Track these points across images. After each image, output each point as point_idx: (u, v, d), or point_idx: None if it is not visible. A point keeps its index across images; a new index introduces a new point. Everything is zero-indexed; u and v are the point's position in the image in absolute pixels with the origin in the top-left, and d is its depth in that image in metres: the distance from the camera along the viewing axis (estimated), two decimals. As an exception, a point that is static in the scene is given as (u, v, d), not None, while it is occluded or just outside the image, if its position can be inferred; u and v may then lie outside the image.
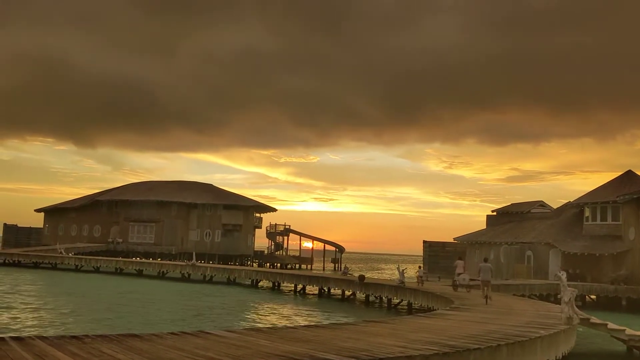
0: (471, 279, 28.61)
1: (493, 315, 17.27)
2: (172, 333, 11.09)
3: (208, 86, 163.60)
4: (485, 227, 59.64)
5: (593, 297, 39.87)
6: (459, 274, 28.89)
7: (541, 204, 56.63)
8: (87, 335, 10.22)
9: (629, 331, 18.88)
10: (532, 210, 55.60)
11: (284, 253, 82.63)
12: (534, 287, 36.74)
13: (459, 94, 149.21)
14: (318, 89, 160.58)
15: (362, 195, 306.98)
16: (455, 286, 28.50)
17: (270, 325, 21.51)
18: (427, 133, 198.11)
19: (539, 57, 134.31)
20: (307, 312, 29.08)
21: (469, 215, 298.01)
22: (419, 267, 34.64)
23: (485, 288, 22.45)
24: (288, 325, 20.20)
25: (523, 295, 31.73)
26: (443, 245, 63.79)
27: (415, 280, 32.76)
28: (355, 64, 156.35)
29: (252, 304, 32.43)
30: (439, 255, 62.51)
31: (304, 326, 14.42)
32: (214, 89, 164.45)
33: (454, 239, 61.05)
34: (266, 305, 31.91)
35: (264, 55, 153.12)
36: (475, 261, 56.16)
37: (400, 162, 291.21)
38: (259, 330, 12.57)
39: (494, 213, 59.95)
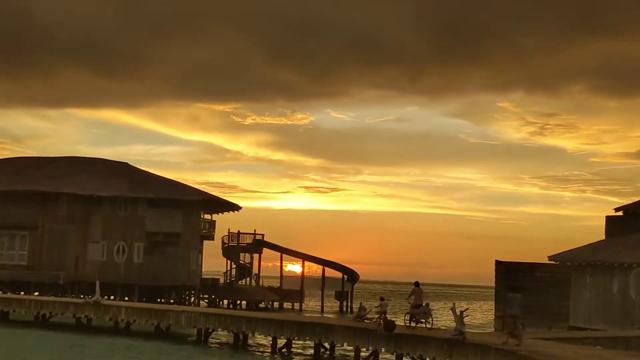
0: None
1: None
2: None
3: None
4: (603, 237, 48.87)
5: None
6: (418, 305, 27.58)
7: None
8: None
9: None
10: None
11: (253, 282, 67.34)
12: None
13: (555, 9, 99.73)
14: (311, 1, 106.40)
15: (387, 182, 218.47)
16: (414, 321, 27.31)
17: None
18: (501, 76, 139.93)
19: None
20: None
21: (573, 216, 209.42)
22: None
23: (511, 325, 23.38)
24: None
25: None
26: (530, 268, 51.50)
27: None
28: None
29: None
30: (522, 287, 48.80)
31: None
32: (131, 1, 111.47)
33: (549, 257, 49.23)
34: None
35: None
36: (587, 297, 43.60)
37: (454, 126, 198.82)
38: None
39: (620, 213, 49.74)
